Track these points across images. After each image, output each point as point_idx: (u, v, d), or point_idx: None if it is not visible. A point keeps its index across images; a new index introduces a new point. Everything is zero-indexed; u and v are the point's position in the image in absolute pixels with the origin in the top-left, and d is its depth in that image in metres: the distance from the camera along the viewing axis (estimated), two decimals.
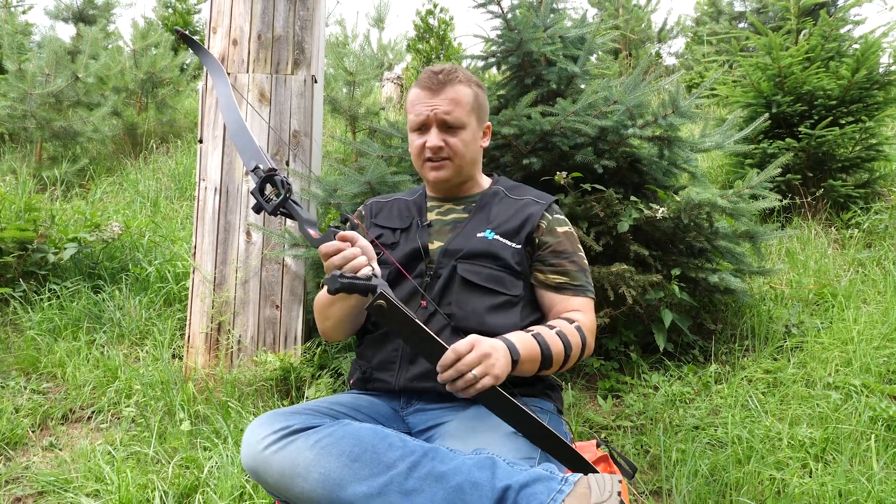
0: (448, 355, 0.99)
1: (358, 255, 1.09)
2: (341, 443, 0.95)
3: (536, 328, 1.20)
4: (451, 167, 1.35)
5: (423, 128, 1.34)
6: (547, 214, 1.36)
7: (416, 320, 1.01)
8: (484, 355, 1.01)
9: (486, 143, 1.44)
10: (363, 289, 1.04)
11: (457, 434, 1.09)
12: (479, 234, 1.31)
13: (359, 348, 1.37)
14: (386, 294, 1.00)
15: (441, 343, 1.01)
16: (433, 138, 1.32)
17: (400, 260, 1.32)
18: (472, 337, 1.03)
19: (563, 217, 1.40)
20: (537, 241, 1.33)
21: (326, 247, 1.10)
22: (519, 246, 1.31)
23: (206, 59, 1.59)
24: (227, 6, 2.41)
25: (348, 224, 1.17)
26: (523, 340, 1.13)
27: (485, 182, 1.47)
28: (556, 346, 1.17)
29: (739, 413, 1.95)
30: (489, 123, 1.45)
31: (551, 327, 1.21)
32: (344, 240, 1.11)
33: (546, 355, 1.15)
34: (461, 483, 0.88)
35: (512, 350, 1.08)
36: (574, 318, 1.27)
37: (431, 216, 1.41)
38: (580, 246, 1.39)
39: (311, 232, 1.16)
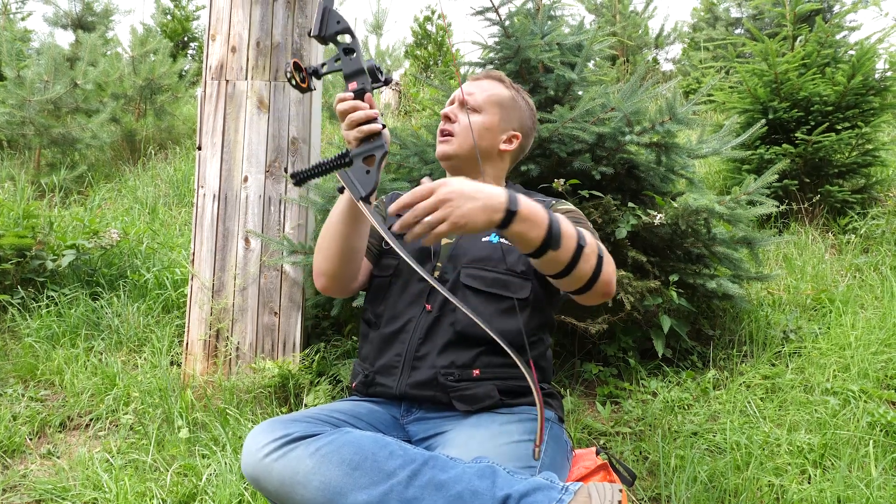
0: (404, 197, 0.95)
1: (367, 117, 1.11)
2: (342, 451, 0.95)
3: None
4: (455, 143, 1.37)
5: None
6: (554, 203, 1.37)
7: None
8: (442, 200, 0.93)
9: (509, 147, 1.41)
10: (336, 165, 1.10)
11: (457, 442, 1.09)
12: (483, 239, 1.31)
13: (361, 350, 1.37)
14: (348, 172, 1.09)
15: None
16: (448, 110, 1.39)
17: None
18: (439, 182, 0.96)
19: (568, 202, 1.39)
20: None
21: (345, 101, 1.13)
22: None
23: None
24: (225, 13, 2.42)
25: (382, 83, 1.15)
26: (527, 200, 1.00)
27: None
28: (567, 226, 1.03)
29: (738, 419, 1.95)
30: (518, 133, 1.42)
31: None
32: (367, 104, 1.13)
33: (553, 225, 1.00)
34: (461, 492, 0.88)
35: (511, 199, 0.97)
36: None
37: None
38: (587, 222, 1.31)
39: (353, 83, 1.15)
